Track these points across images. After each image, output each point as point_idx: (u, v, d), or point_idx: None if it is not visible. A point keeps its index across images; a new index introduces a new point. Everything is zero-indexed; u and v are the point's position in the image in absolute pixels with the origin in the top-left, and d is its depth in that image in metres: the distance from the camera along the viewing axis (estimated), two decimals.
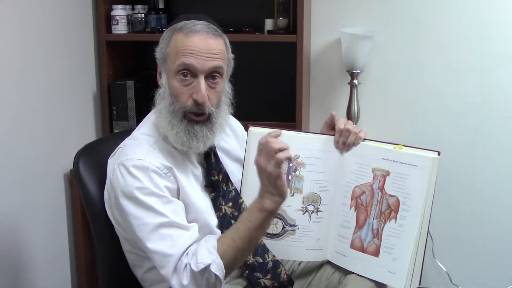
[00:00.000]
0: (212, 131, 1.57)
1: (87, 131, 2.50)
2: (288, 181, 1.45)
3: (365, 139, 1.66)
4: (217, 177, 1.64)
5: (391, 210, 1.61)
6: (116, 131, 2.48)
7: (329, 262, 1.71)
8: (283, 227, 1.69)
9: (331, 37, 2.61)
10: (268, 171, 1.40)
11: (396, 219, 1.60)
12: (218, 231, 1.60)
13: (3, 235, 1.99)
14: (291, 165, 1.47)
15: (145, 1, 2.60)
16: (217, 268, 1.43)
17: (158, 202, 1.48)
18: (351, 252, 1.65)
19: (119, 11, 2.48)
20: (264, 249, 1.66)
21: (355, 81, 2.53)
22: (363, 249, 1.64)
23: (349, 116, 2.54)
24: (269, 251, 1.67)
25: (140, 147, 1.54)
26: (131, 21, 2.54)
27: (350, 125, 1.66)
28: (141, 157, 1.51)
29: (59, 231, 2.33)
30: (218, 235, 1.53)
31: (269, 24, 2.49)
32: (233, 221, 1.62)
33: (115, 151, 1.61)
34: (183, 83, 1.52)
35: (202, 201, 1.59)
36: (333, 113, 1.73)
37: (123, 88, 2.50)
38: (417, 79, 2.59)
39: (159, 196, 1.49)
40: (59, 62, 2.29)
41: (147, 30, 2.54)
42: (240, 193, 1.68)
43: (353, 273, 1.65)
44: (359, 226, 1.64)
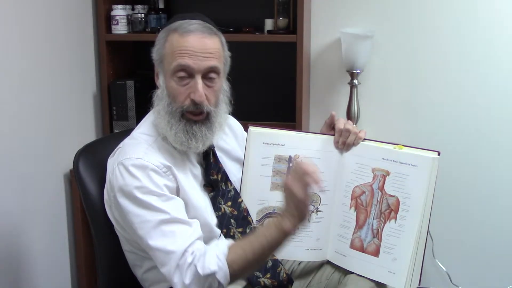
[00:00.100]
0: (211, 130, 1.56)
1: (87, 131, 2.50)
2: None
3: (365, 139, 1.67)
4: (216, 177, 1.64)
5: (391, 210, 1.61)
6: (116, 131, 2.48)
7: (329, 262, 1.71)
8: None
9: (331, 37, 2.61)
10: (294, 192, 1.38)
11: (396, 219, 1.60)
12: (217, 231, 1.59)
13: (3, 235, 1.99)
14: (291, 165, 1.47)
15: (145, 1, 2.59)
16: (223, 276, 1.43)
17: (158, 200, 1.48)
18: (351, 252, 1.65)
19: (119, 11, 2.48)
20: None
21: (355, 81, 2.52)
22: (363, 249, 1.63)
23: (349, 116, 2.54)
24: None
25: (139, 146, 1.54)
26: (131, 21, 2.54)
27: (350, 125, 1.66)
28: (140, 156, 1.51)
29: (59, 231, 2.33)
30: (229, 240, 1.52)
31: (269, 24, 2.49)
32: (232, 221, 1.62)
33: (114, 151, 1.61)
34: (180, 83, 1.52)
35: (201, 200, 1.59)
36: (333, 113, 1.73)
37: (123, 88, 2.49)
38: (417, 79, 2.58)
39: (158, 194, 1.48)
40: (59, 62, 2.29)
41: (147, 30, 2.54)
42: (239, 193, 1.69)
43: (353, 273, 1.65)
44: (359, 226, 1.64)
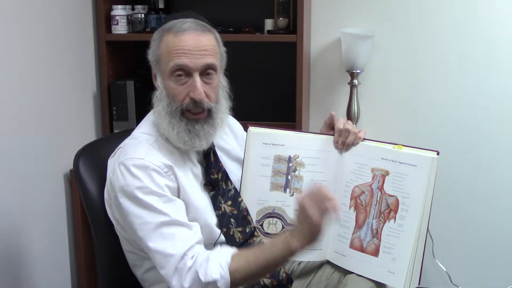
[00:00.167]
0: (213, 127, 1.56)
1: (87, 131, 2.50)
2: (287, 181, 1.44)
3: (364, 139, 1.67)
4: (216, 176, 1.64)
5: (391, 210, 1.61)
6: (116, 131, 2.48)
7: (328, 262, 1.71)
8: (283, 227, 1.69)
9: (331, 37, 2.61)
10: (310, 215, 1.37)
11: (395, 219, 1.60)
12: (217, 231, 1.59)
13: (3, 235, 1.99)
14: (290, 165, 1.47)
15: (145, 1, 2.59)
16: (223, 284, 1.42)
17: (158, 201, 1.48)
18: (350, 252, 1.65)
19: (119, 11, 2.48)
20: None
21: (355, 81, 2.52)
22: (362, 249, 1.63)
23: (349, 116, 2.54)
24: None
25: (140, 146, 1.54)
26: (131, 21, 2.54)
27: (349, 125, 1.66)
28: (141, 156, 1.50)
29: (59, 231, 2.33)
30: (233, 248, 1.51)
31: (269, 24, 2.49)
32: (232, 220, 1.62)
33: (115, 151, 1.61)
34: (178, 83, 1.52)
35: (201, 199, 1.59)
36: (332, 113, 1.73)
37: (123, 88, 2.50)
38: (417, 79, 2.58)
39: (159, 195, 1.48)
40: (59, 62, 2.29)
41: (147, 30, 2.54)
42: (239, 192, 1.69)
43: (353, 273, 1.64)
44: (359, 226, 1.64)
